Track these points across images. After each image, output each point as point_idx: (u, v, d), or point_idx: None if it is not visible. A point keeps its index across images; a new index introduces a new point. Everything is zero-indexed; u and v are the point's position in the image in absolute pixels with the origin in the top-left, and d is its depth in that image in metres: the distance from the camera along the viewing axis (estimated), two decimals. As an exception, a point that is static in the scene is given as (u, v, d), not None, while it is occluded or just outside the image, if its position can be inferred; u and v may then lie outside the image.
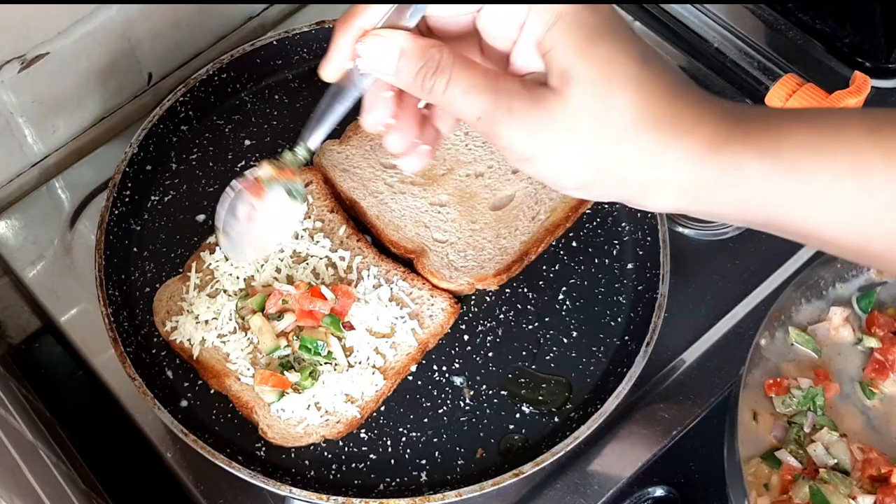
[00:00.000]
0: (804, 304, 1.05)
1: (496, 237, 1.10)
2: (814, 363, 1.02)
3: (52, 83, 1.14)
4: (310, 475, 0.99)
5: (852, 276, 1.06)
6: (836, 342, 1.03)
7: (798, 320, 1.05)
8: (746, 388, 0.99)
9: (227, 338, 1.01)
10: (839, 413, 1.00)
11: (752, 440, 0.98)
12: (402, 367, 1.03)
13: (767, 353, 1.02)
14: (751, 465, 0.96)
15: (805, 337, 1.03)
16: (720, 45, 1.30)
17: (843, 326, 1.03)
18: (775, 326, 1.03)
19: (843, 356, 1.03)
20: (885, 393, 1.00)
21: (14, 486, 0.79)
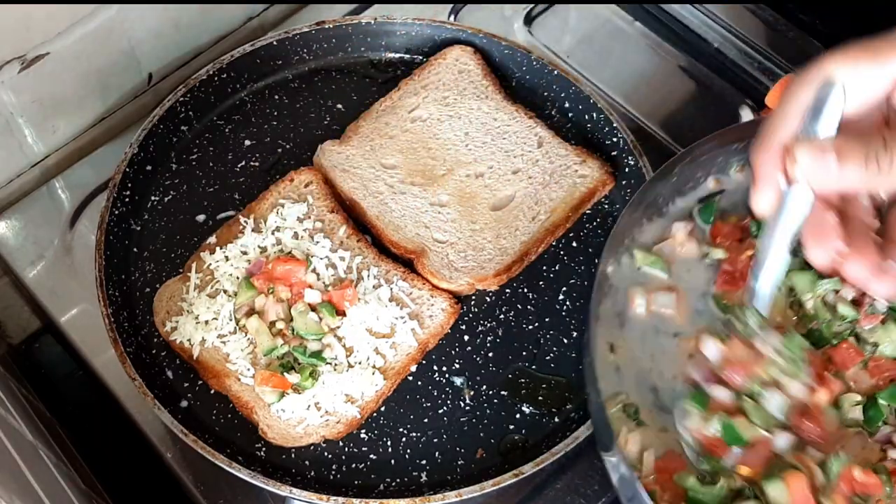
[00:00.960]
0: (646, 224, 1.00)
1: (496, 237, 1.10)
2: (664, 283, 0.97)
3: (52, 83, 1.14)
4: (310, 475, 0.99)
5: (690, 189, 1.01)
6: (683, 258, 0.98)
7: (643, 242, 0.99)
8: (599, 321, 0.94)
9: (227, 338, 1.02)
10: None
11: (614, 374, 0.93)
12: (402, 368, 1.03)
13: (616, 280, 0.97)
14: (617, 401, 0.92)
15: (651, 258, 0.98)
16: (720, 45, 1.30)
17: (688, 241, 0.99)
18: (619, 252, 0.98)
19: (692, 272, 0.98)
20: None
21: (14, 486, 0.79)
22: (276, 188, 1.12)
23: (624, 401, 0.92)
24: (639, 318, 0.96)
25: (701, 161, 1.00)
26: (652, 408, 0.92)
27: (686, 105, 1.28)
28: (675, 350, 0.95)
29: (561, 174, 1.14)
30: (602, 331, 0.95)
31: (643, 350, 0.95)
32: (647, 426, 0.91)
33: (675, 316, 0.97)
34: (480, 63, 1.21)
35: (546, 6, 1.34)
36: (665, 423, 0.91)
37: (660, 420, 0.91)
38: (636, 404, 0.92)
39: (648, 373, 0.93)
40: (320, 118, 1.21)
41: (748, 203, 0.95)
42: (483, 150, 1.15)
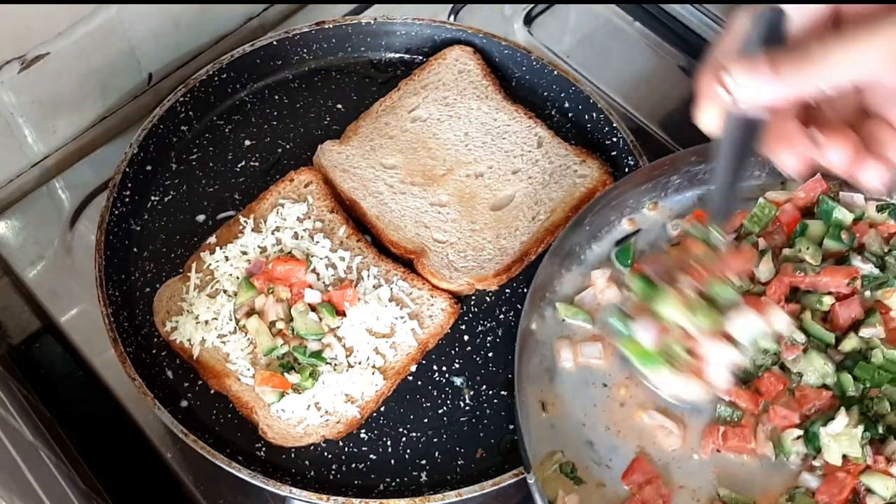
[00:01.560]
0: (565, 275, 1.01)
1: (496, 237, 1.10)
2: (589, 333, 0.98)
3: (52, 83, 1.14)
4: (310, 475, 0.99)
5: (605, 234, 1.02)
6: (605, 305, 0.99)
7: (564, 293, 1.00)
8: (529, 380, 0.94)
9: (227, 338, 1.01)
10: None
11: (548, 433, 0.93)
12: (402, 368, 1.03)
13: (541, 335, 0.97)
14: (553, 461, 0.91)
15: (573, 309, 0.98)
16: (720, 45, 1.30)
17: (608, 287, 0.99)
18: (542, 306, 0.98)
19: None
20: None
21: (14, 486, 0.79)
22: (276, 188, 1.12)
23: (560, 460, 0.92)
24: (567, 372, 0.97)
25: (612, 204, 1.01)
26: (589, 462, 0.92)
27: (686, 105, 1.26)
28: (607, 400, 0.95)
29: (561, 174, 1.14)
30: (532, 388, 0.95)
31: (575, 404, 0.95)
32: (585, 483, 0.91)
33: (603, 365, 0.97)
34: (480, 63, 1.21)
35: (546, 6, 1.34)
36: (602, 477, 0.91)
37: (597, 475, 0.92)
38: (572, 462, 0.92)
39: (582, 427, 0.94)
40: (320, 118, 1.21)
41: (666, 239, 0.99)
42: (483, 150, 1.15)
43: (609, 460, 0.92)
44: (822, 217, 1.02)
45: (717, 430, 0.92)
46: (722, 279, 0.85)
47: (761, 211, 1.01)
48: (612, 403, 0.95)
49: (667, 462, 0.92)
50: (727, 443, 0.92)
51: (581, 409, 0.95)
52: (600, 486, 0.91)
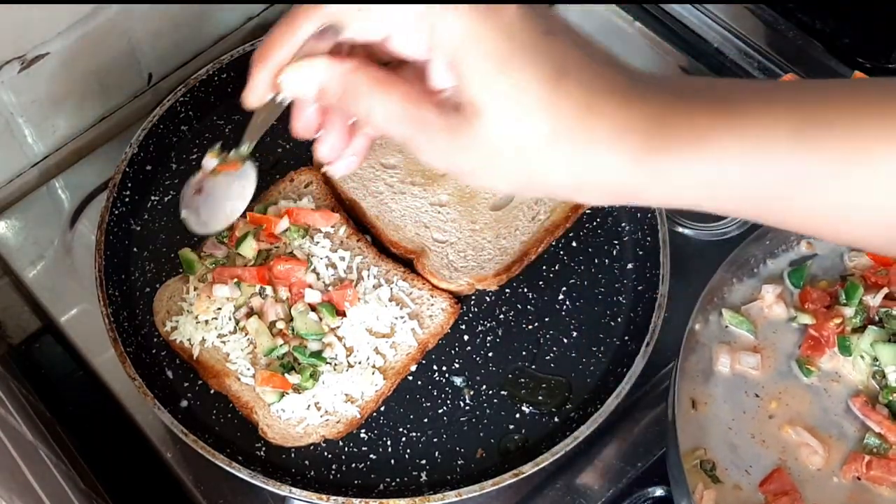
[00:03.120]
0: (736, 284, 1.03)
1: (496, 237, 1.10)
2: (750, 343, 1.00)
3: (52, 83, 1.14)
4: (310, 475, 0.99)
5: (783, 252, 1.04)
6: (770, 320, 1.01)
7: (731, 301, 1.02)
8: (684, 377, 0.97)
9: (227, 338, 1.02)
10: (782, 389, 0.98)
11: (695, 429, 0.95)
12: (402, 367, 1.03)
13: (703, 337, 1.00)
14: (695, 456, 0.94)
15: (739, 318, 1.00)
16: (720, 45, 1.30)
17: (776, 304, 1.01)
18: (708, 310, 1.00)
19: (778, 334, 1.01)
20: (822, 369, 0.99)
21: (14, 486, 0.79)
22: (276, 188, 1.12)
23: (701, 456, 0.94)
24: (723, 376, 0.99)
25: None
26: (729, 464, 0.94)
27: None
28: (757, 410, 0.97)
29: (561, 174, 1.13)
30: (685, 386, 0.97)
31: (725, 407, 0.97)
32: (722, 483, 0.93)
33: (759, 376, 0.99)
34: (480, 63, 1.21)
35: (546, 6, 1.34)
36: (740, 481, 0.93)
37: (735, 478, 0.94)
38: (713, 460, 0.94)
39: (728, 430, 0.96)
40: (320, 118, 1.20)
41: (840, 270, 1.02)
42: (483, 150, 1.15)
43: (749, 466, 0.94)
44: None
45: (861, 458, 0.93)
46: None
47: None
48: (762, 414, 0.97)
49: (805, 480, 0.94)
50: (870, 472, 0.93)
51: (730, 414, 0.97)
52: (736, 489, 0.93)
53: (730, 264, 1.01)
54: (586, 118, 0.62)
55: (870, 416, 0.95)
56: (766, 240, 1.03)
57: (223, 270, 1.03)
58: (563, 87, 0.63)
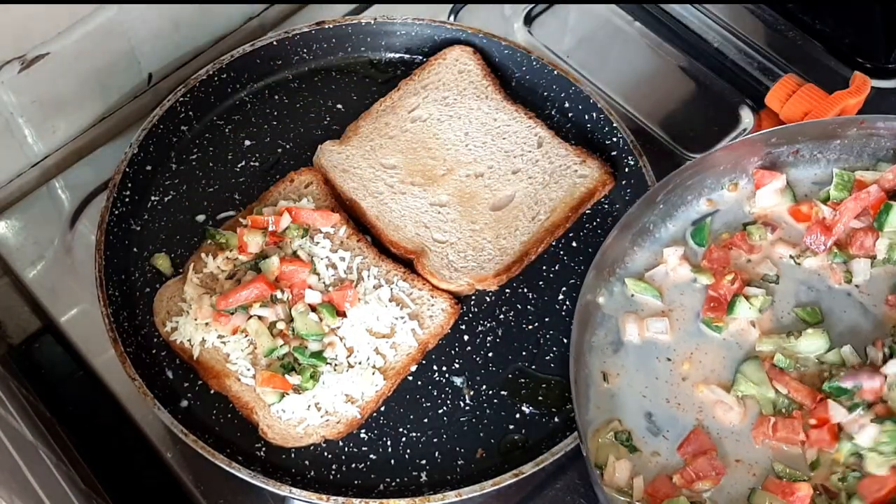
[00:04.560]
0: (637, 252, 1.02)
1: (496, 237, 1.10)
2: (657, 309, 1.00)
3: (52, 83, 1.14)
4: (310, 475, 0.99)
5: (681, 212, 1.04)
6: (676, 283, 1.01)
7: (634, 269, 1.02)
8: (592, 352, 0.97)
9: (227, 338, 1.01)
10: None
11: (607, 402, 0.96)
12: (403, 368, 1.03)
13: (608, 309, 0.99)
14: (609, 428, 0.94)
15: (643, 285, 1.00)
16: (720, 45, 1.30)
17: (680, 265, 1.01)
18: (611, 281, 1.00)
19: (685, 295, 1.01)
20: (731, 324, 0.99)
21: (14, 486, 0.79)
22: (276, 188, 1.12)
23: (616, 428, 0.94)
24: (632, 345, 0.99)
25: (688, 184, 1.03)
26: (645, 433, 0.95)
27: (686, 105, 1.28)
28: (669, 374, 0.97)
29: (561, 174, 1.14)
30: (595, 360, 0.97)
31: (637, 376, 0.97)
32: (639, 451, 0.94)
33: (669, 339, 0.99)
34: (480, 63, 1.21)
35: (546, 6, 1.34)
36: (658, 447, 0.94)
37: (653, 445, 0.94)
38: (629, 430, 0.94)
39: (642, 398, 0.96)
40: (320, 118, 1.21)
41: (743, 220, 1.01)
42: (483, 150, 1.15)
43: (666, 431, 0.95)
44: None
45: (767, 421, 0.93)
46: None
47: (840, 179, 1.03)
48: (675, 377, 0.97)
49: (724, 437, 0.94)
50: (777, 434, 0.93)
51: (643, 382, 0.97)
52: (655, 455, 0.93)
53: (623, 230, 1.00)
54: None
55: (776, 379, 0.95)
56: (660, 203, 1.02)
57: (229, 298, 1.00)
58: None
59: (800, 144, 1.05)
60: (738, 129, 1.23)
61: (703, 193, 1.05)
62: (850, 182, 1.04)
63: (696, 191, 1.04)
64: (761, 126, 1.23)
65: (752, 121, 1.23)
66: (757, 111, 1.24)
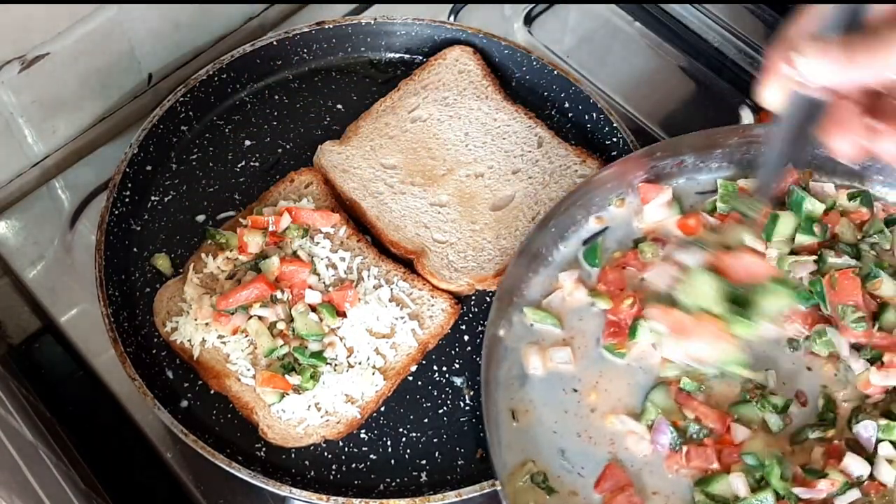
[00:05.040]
0: (533, 278, 0.99)
1: (496, 237, 1.10)
2: (558, 338, 0.97)
3: (52, 83, 1.14)
4: (310, 475, 0.99)
5: (572, 233, 1.02)
6: (573, 308, 0.98)
7: (531, 297, 0.99)
8: (499, 388, 0.93)
9: (227, 338, 1.01)
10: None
11: (520, 442, 0.92)
12: (403, 368, 1.03)
13: (509, 341, 0.96)
14: (525, 470, 0.91)
15: (541, 313, 0.97)
16: (720, 45, 1.30)
17: (576, 289, 0.98)
18: (510, 311, 0.97)
19: (584, 321, 0.98)
20: (632, 349, 0.95)
21: (14, 486, 0.79)
22: (276, 188, 1.12)
23: (531, 469, 0.92)
24: (537, 378, 0.96)
25: (578, 203, 1.01)
26: (561, 471, 0.92)
27: (686, 105, 1.28)
28: (578, 406, 0.95)
29: (561, 174, 1.14)
30: (502, 397, 0.93)
31: (545, 411, 0.94)
32: (557, 492, 0.91)
33: (573, 369, 0.96)
34: (480, 63, 1.21)
35: (546, 6, 1.34)
36: (575, 485, 0.91)
37: (570, 483, 0.91)
38: (544, 471, 0.91)
39: (553, 434, 0.93)
40: (320, 118, 1.21)
41: (633, 237, 0.99)
42: (483, 150, 1.15)
43: (581, 468, 0.92)
44: (792, 208, 1.01)
45: (679, 452, 0.91)
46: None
47: (725, 189, 1.02)
48: (583, 409, 0.94)
49: (639, 468, 0.92)
50: (690, 463, 0.91)
51: (552, 416, 0.94)
52: (573, 495, 0.90)
53: (519, 257, 0.97)
54: None
55: (685, 405, 0.93)
56: (552, 227, 0.99)
57: (229, 298, 1.00)
58: None
59: (683, 156, 1.03)
60: (738, 130, 1.23)
61: (591, 211, 1.03)
62: (734, 192, 1.02)
63: (586, 209, 1.02)
64: (761, 126, 1.23)
65: (752, 121, 1.23)
66: (757, 111, 1.24)
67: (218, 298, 1.00)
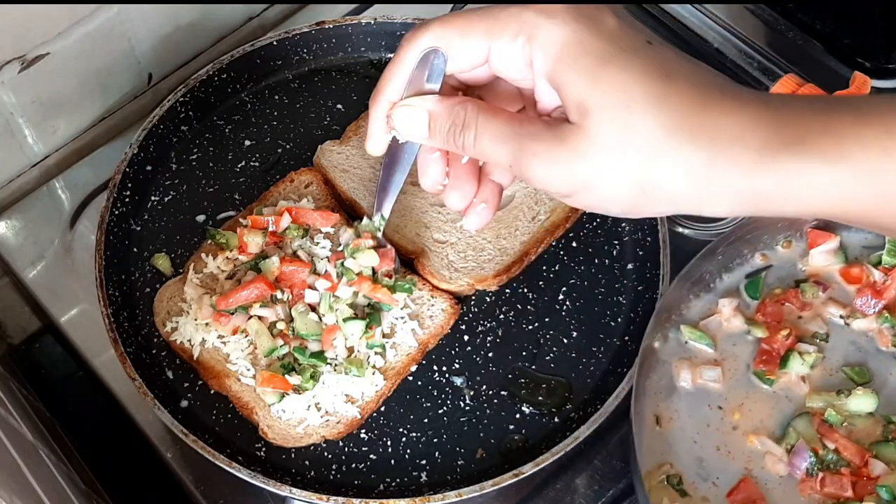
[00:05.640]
0: (693, 301, 1.05)
1: (496, 238, 1.10)
2: (710, 357, 1.02)
3: (52, 83, 1.14)
4: (310, 475, 0.99)
5: (737, 265, 1.07)
6: (729, 333, 1.04)
7: (689, 318, 1.04)
8: (646, 395, 0.99)
9: (227, 338, 1.01)
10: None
11: (660, 445, 0.97)
12: (403, 368, 1.03)
13: (663, 354, 1.02)
14: (661, 471, 0.96)
15: (697, 333, 1.03)
16: (720, 45, 1.30)
17: (733, 316, 1.04)
18: (666, 327, 1.03)
19: (737, 346, 1.03)
20: (782, 377, 1.00)
21: (14, 486, 0.79)
22: (277, 188, 1.12)
23: (668, 471, 0.96)
24: (685, 391, 1.01)
25: (747, 238, 1.06)
26: (695, 478, 0.96)
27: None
28: (720, 422, 0.99)
29: (561, 174, 1.13)
30: (649, 404, 0.99)
31: (689, 422, 0.99)
32: (689, 496, 0.95)
33: (721, 388, 1.01)
34: (480, 63, 1.21)
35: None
36: (707, 493, 0.95)
37: (702, 490, 0.95)
38: (680, 474, 0.96)
39: (693, 444, 0.98)
40: (320, 118, 1.21)
41: (795, 277, 1.05)
42: (483, 150, 1.15)
43: (716, 478, 0.96)
44: None
45: (816, 476, 0.95)
46: None
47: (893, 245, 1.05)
48: (726, 426, 0.99)
49: (773, 487, 0.95)
50: (824, 489, 0.94)
51: (694, 428, 0.99)
52: (704, 501, 0.95)
53: (683, 280, 1.03)
54: (702, 113, 0.60)
55: (826, 435, 0.97)
56: (719, 255, 1.05)
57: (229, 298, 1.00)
58: (673, 84, 0.61)
59: None
60: (738, 129, 1.23)
61: (758, 248, 1.08)
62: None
63: (753, 245, 1.07)
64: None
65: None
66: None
67: (218, 298, 1.00)
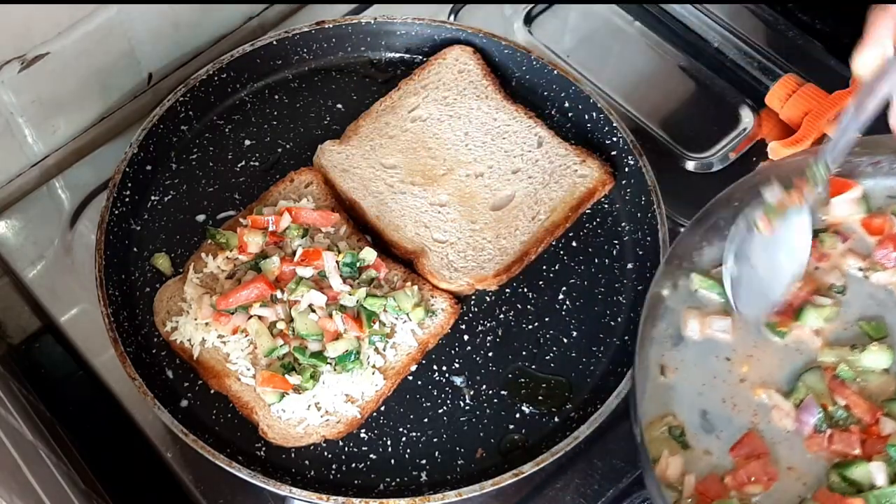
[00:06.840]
0: (706, 248, 1.01)
1: (496, 237, 1.10)
2: (720, 307, 0.99)
3: (52, 83, 1.14)
4: (310, 475, 0.99)
5: (752, 212, 1.01)
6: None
7: (701, 265, 1.00)
8: (652, 344, 0.95)
9: (227, 338, 1.01)
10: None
11: (663, 396, 0.95)
12: (403, 368, 1.03)
13: (671, 302, 0.98)
14: (664, 422, 0.93)
15: (709, 281, 0.99)
16: (720, 45, 1.30)
17: None
18: (676, 274, 0.99)
19: None
20: (794, 330, 0.98)
21: (14, 486, 0.79)
22: (276, 188, 1.12)
23: (670, 422, 0.94)
24: (692, 341, 0.98)
25: (764, 184, 1.00)
26: (698, 430, 0.94)
27: (686, 105, 1.28)
28: (728, 374, 0.97)
29: (561, 174, 1.14)
30: (654, 352, 0.96)
31: (695, 372, 0.96)
32: (691, 448, 0.93)
33: (730, 339, 0.98)
34: (480, 63, 1.21)
35: (546, 6, 1.34)
36: (710, 446, 0.93)
37: (705, 443, 0.93)
38: (682, 426, 0.94)
39: (698, 396, 0.95)
40: (320, 118, 1.21)
41: (815, 227, 0.98)
42: (483, 149, 1.15)
43: (720, 431, 0.94)
44: None
45: (823, 433, 0.93)
46: None
47: None
48: (733, 378, 0.96)
49: (778, 442, 0.93)
50: (832, 446, 0.92)
51: (700, 379, 0.96)
52: (706, 454, 0.93)
53: (695, 226, 0.98)
54: None
55: (837, 391, 0.94)
56: (734, 201, 1.00)
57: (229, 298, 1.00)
58: None
59: (881, 156, 1.03)
60: (738, 129, 1.23)
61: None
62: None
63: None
64: (761, 126, 1.23)
65: (752, 120, 1.24)
66: (757, 111, 1.24)
67: (218, 298, 1.00)
